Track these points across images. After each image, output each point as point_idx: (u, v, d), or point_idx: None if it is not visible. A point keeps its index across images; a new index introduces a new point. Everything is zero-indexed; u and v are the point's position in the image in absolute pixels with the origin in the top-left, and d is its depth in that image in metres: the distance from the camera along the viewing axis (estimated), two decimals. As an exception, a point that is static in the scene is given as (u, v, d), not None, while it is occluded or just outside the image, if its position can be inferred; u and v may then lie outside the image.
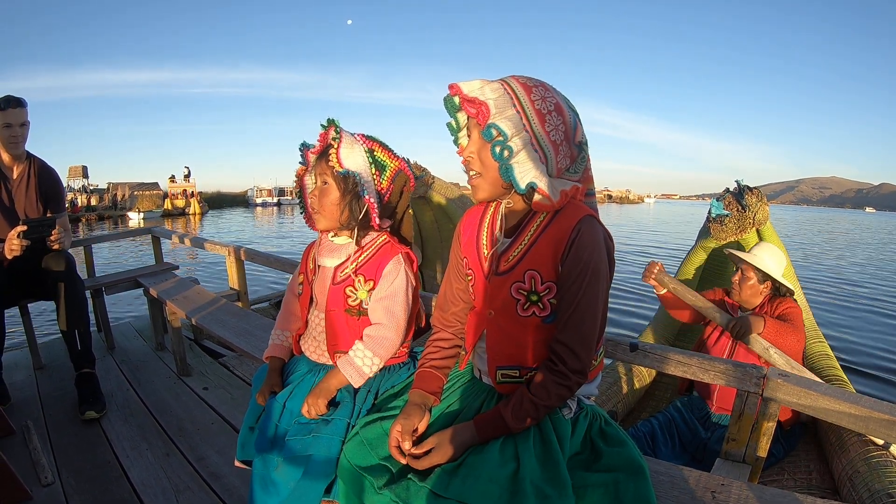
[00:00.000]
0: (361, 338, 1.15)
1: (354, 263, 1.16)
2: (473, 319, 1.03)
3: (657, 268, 2.00)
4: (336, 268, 1.18)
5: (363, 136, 1.15)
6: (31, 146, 2.28)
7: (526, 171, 0.86)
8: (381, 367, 1.15)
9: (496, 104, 0.85)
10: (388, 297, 1.15)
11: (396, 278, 1.15)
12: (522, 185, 0.86)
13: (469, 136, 0.93)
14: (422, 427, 0.96)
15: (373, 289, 1.15)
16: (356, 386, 1.14)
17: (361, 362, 1.13)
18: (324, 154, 1.12)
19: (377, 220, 1.12)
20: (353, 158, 1.11)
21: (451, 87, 0.88)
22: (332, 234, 1.20)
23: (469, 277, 1.03)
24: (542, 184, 0.86)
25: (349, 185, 1.11)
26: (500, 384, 0.97)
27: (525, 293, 0.92)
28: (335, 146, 1.10)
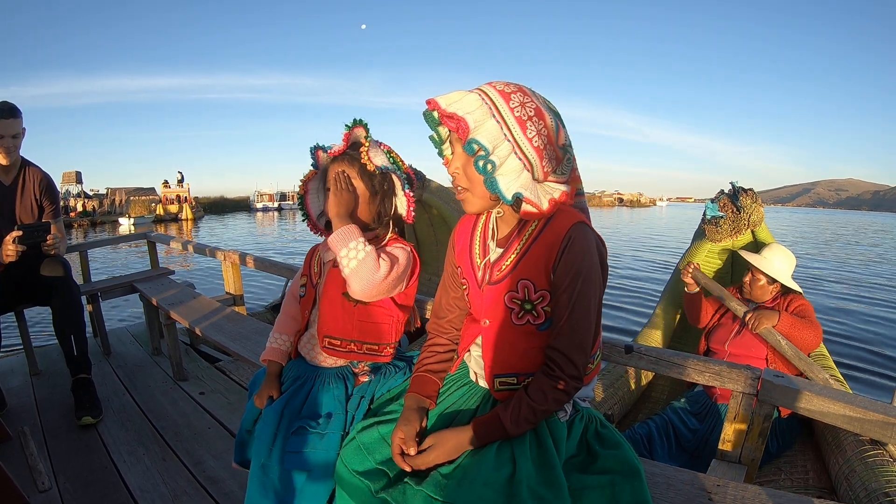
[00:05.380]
0: (355, 329, 1.15)
1: None
2: (469, 327, 1.03)
3: (692, 267, 2.18)
4: None
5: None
6: (39, 152, 2.27)
7: (511, 182, 0.85)
8: (359, 261, 1.04)
9: (475, 118, 0.84)
10: (388, 254, 1.13)
11: (402, 252, 1.15)
12: (509, 196, 0.85)
13: (453, 150, 0.93)
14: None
15: None
16: (336, 251, 1.06)
17: (348, 244, 1.04)
18: (346, 154, 1.11)
19: (413, 214, 1.13)
20: (379, 158, 1.11)
21: (428, 102, 0.87)
22: None
23: (464, 286, 1.03)
24: (528, 193, 0.86)
25: (381, 182, 1.11)
26: (499, 392, 0.97)
27: (519, 302, 0.92)
28: (366, 145, 1.09)
